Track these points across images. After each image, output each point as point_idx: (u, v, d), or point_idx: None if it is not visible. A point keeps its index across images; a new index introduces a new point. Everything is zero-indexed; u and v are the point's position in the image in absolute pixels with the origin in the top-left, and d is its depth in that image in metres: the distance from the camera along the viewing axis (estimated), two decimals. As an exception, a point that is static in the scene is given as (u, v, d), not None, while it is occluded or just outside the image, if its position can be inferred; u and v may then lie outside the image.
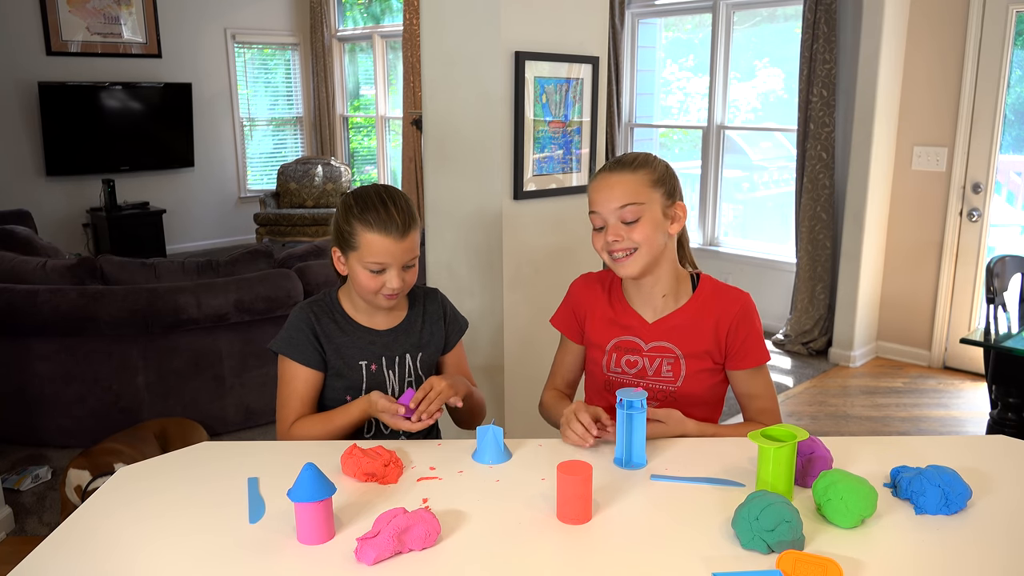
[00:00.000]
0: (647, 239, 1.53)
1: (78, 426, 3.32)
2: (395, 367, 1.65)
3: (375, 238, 1.53)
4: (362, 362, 1.63)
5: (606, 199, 1.54)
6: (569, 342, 1.75)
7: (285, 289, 3.47)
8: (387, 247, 1.53)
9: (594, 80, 2.71)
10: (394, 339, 1.66)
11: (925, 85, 4.16)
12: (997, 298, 2.83)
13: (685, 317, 1.61)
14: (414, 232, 1.57)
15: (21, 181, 6.46)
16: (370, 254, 1.53)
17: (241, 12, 7.53)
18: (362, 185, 1.63)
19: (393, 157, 7.61)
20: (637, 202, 1.52)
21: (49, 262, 3.49)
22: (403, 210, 1.55)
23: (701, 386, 1.61)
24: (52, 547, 1.17)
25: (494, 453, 1.44)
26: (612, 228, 1.53)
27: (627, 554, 1.15)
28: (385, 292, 1.56)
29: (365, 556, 1.12)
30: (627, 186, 1.53)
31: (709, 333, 1.59)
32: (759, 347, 1.60)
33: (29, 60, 6.36)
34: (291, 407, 1.60)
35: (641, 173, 1.54)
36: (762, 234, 5.19)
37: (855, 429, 3.59)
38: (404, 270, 1.57)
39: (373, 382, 1.63)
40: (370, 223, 1.53)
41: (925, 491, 1.24)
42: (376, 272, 1.55)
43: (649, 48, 5.62)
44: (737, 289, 1.64)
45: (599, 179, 1.57)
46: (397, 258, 1.54)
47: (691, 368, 1.60)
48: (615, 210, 1.53)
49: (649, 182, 1.54)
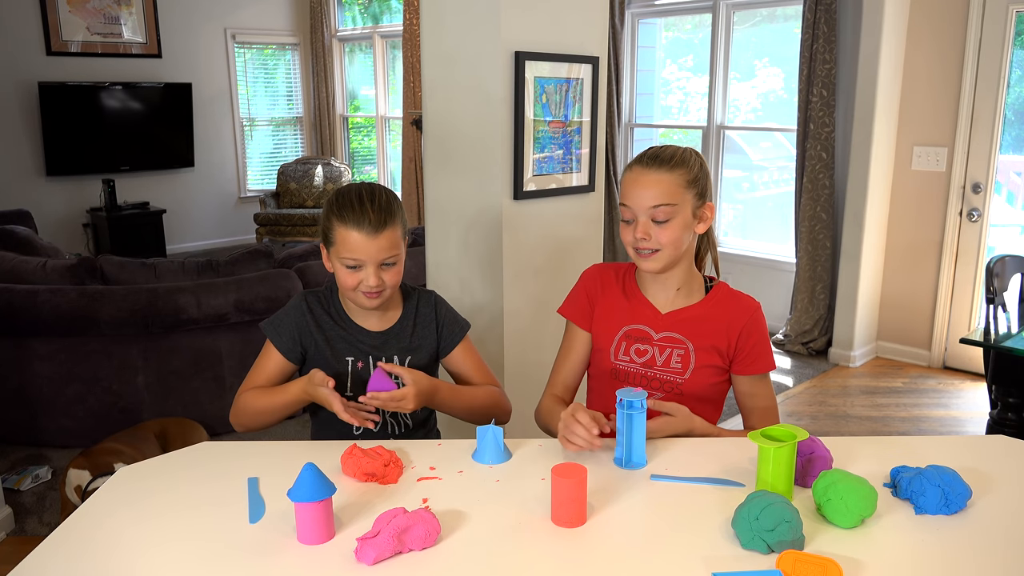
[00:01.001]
0: (674, 241, 1.54)
1: (78, 426, 3.32)
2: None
3: (348, 234, 1.53)
4: (349, 357, 1.63)
5: (640, 196, 1.53)
6: (577, 332, 1.72)
7: (285, 289, 3.47)
8: (359, 243, 1.53)
9: (594, 80, 2.71)
10: (384, 341, 1.66)
11: (925, 85, 4.16)
12: (997, 298, 2.83)
13: (698, 312, 1.62)
14: (391, 230, 1.55)
15: (21, 181, 6.46)
16: (344, 250, 1.54)
17: (241, 12, 7.53)
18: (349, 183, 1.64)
19: (393, 157, 7.61)
20: (670, 203, 1.52)
21: (49, 262, 3.49)
22: (380, 208, 1.54)
23: (707, 382, 1.61)
24: (52, 547, 1.17)
25: (494, 453, 1.44)
26: (642, 225, 1.53)
27: (627, 554, 1.15)
28: (363, 289, 1.56)
29: (365, 556, 1.12)
30: (662, 186, 1.52)
31: (721, 332, 1.61)
32: (767, 354, 1.62)
33: (29, 60, 6.36)
34: (252, 380, 1.64)
35: (677, 173, 1.53)
36: (762, 234, 5.19)
37: (855, 429, 3.59)
38: (382, 268, 1.56)
39: (358, 379, 1.63)
40: (345, 219, 1.54)
41: (925, 491, 1.24)
42: (352, 268, 1.55)
43: (649, 48, 5.62)
44: (751, 297, 1.66)
45: (635, 172, 1.55)
46: (371, 255, 1.53)
47: (700, 362, 1.60)
48: (647, 208, 1.52)
49: (684, 182, 1.53)
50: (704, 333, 1.61)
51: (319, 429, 1.72)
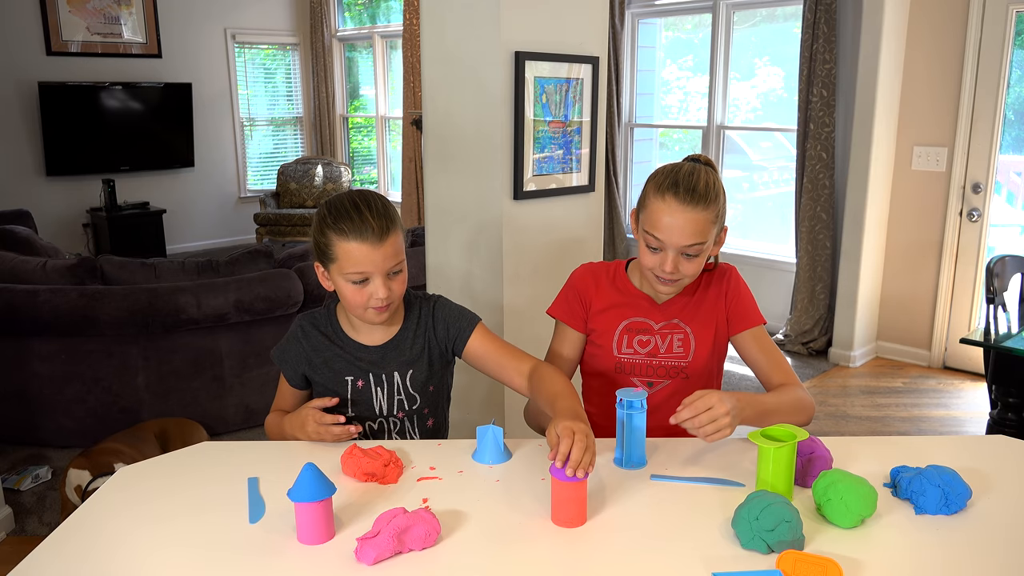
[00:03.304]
0: (696, 272, 1.57)
1: (78, 426, 3.32)
2: (383, 384, 1.60)
3: (352, 247, 1.44)
4: (348, 377, 1.59)
5: (676, 235, 1.51)
6: (567, 332, 1.72)
7: (285, 289, 3.47)
8: (365, 254, 1.44)
9: (594, 80, 2.71)
10: (383, 356, 1.60)
11: (925, 85, 4.16)
12: (997, 298, 2.83)
13: (687, 295, 1.67)
14: (394, 236, 1.47)
15: (21, 181, 6.46)
16: (349, 264, 1.45)
17: (241, 12, 7.53)
18: (336, 194, 1.56)
19: (393, 157, 7.61)
20: (703, 241, 1.53)
21: (49, 262, 3.49)
22: (379, 214, 1.46)
23: (707, 358, 1.67)
24: (52, 547, 1.18)
25: (494, 453, 1.44)
26: (672, 260, 1.53)
27: (628, 554, 1.15)
28: (373, 304, 1.48)
29: (365, 556, 1.12)
30: (698, 225, 1.51)
31: (711, 305, 1.66)
32: (755, 308, 1.68)
33: (29, 60, 6.36)
34: (277, 403, 1.71)
35: (711, 210, 1.52)
36: (762, 234, 5.19)
37: (855, 429, 3.59)
38: (389, 278, 1.48)
39: (359, 398, 1.60)
40: (344, 232, 1.44)
41: (925, 491, 1.24)
42: (359, 283, 1.47)
43: (649, 48, 5.62)
44: (725, 263, 1.71)
45: (669, 205, 1.51)
46: (379, 265, 1.45)
47: (700, 341, 1.65)
48: (681, 247, 1.52)
49: (714, 218, 1.54)
50: (699, 314, 1.66)
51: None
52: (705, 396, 1.36)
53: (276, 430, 1.64)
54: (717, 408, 1.34)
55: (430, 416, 1.66)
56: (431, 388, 1.64)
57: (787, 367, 1.64)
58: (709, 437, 1.35)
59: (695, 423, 1.34)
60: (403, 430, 1.63)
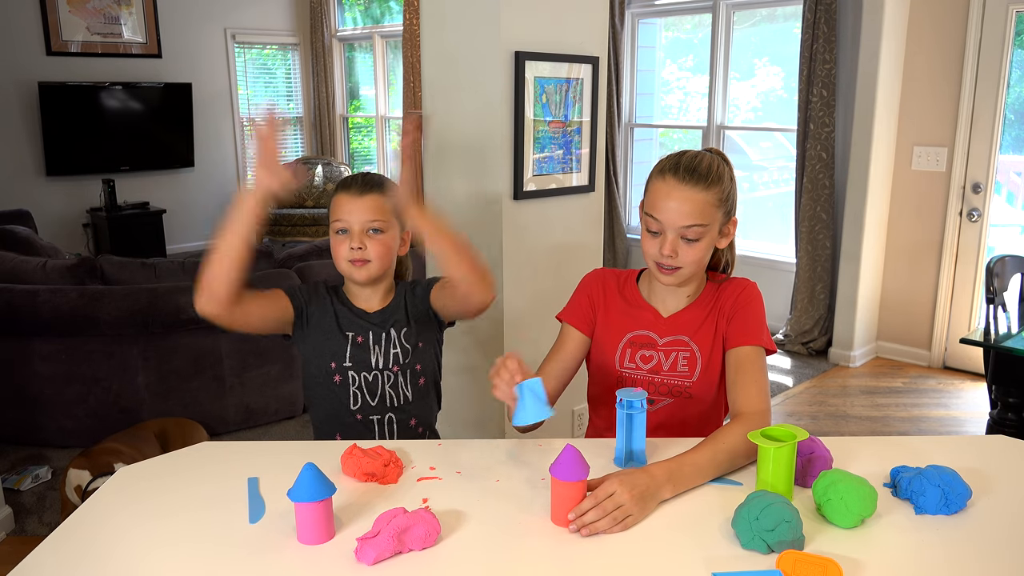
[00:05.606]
0: (698, 260, 1.50)
1: (78, 426, 3.32)
2: (381, 341, 1.69)
3: (337, 197, 1.66)
4: (350, 332, 1.69)
5: (674, 214, 1.46)
6: (572, 334, 1.67)
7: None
8: (344, 204, 1.63)
9: (594, 80, 2.71)
10: (382, 319, 1.71)
11: (925, 85, 4.16)
12: (997, 298, 2.83)
13: (697, 310, 1.60)
14: (376, 195, 1.63)
15: (21, 181, 6.45)
16: (334, 213, 1.65)
17: (241, 12, 7.53)
18: None
19: (393, 157, 7.61)
20: (702, 224, 1.47)
21: (49, 262, 3.49)
22: (370, 178, 1.66)
23: (716, 381, 1.59)
24: (52, 547, 1.18)
25: (536, 408, 1.31)
26: (670, 243, 1.47)
27: (628, 554, 1.15)
28: (349, 256, 1.62)
29: (365, 556, 1.12)
30: (698, 205, 1.46)
31: (718, 318, 1.58)
32: (757, 328, 1.54)
33: (29, 60, 6.36)
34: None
35: (714, 191, 1.47)
36: (762, 234, 5.19)
37: (855, 429, 3.59)
38: (368, 236, 1.62)
39: (357, 352, 1.67)
40: (338, 188, 1.67)
41: (925, 491, 1.24)
42: (341, 234, 1.64)
43: (649, 48, 5.62)
44: (745, 278, 1.62)
45: (668, 184, 1.47)
46: (356, 216, 1.62)
47: (707, 361, 1.57)
48: (679, 227, 1.46)
49: (717, 201, 1.48)
50: (705, 330, 1.58)
51: (319, 429, 1.73)
52: (607, 483, 1.22)
53: (219, 239, 1.60)
54: (619, 495, 1.20)
55: (422, 374, 1.71)
56: (420, 344, 1.71)
57: (754, 394, 1.48)
58: (611, 530, 1.20)
59: (598, 527, 1.19)
60: (396, 384, 1.69)
